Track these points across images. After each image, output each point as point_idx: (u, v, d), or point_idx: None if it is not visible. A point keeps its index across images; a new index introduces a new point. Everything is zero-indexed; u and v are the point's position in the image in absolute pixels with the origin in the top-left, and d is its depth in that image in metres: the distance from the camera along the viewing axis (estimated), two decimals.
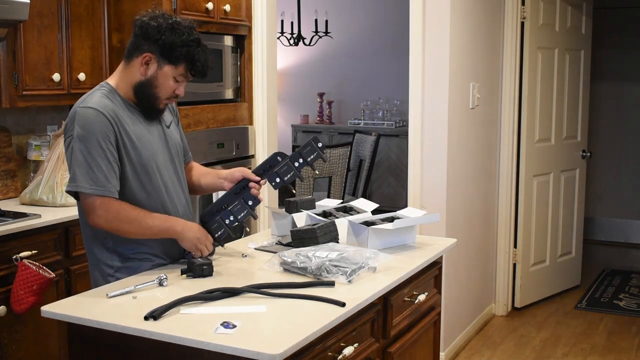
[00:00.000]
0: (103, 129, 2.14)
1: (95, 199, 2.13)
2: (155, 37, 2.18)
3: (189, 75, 2.26)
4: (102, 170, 2.13)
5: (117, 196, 2.16)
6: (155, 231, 2.22)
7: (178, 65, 2.21)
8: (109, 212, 2.14)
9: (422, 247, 2.62)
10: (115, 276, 2.24)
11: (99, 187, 2.12)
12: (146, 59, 2.21)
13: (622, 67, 6.83)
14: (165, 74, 2.22)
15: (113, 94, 2.24)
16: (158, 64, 2.21)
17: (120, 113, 2.21)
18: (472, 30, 4.21)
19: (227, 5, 3.90)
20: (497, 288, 4.89)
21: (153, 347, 1.79)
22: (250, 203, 2.36)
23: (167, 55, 2.19)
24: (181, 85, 2.27)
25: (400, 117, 7.72)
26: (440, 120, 3.91)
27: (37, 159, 3.59)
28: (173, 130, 2.42)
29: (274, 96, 4.25)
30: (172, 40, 2.18)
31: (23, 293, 2.75)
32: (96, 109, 2.15)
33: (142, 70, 2.22)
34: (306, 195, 5.40)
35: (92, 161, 2.12)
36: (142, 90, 2.24)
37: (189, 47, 2.19)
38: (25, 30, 3.29)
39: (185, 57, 2.20)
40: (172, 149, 2.37)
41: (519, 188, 4.85)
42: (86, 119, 2.14)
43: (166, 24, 2.19)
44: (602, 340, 4.42)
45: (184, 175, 2.44)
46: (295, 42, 7.36)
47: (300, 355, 1.76)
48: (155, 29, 2.19)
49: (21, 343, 3.00)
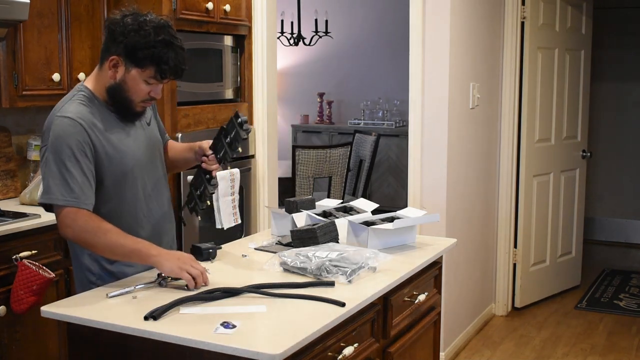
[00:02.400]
0: (78, 139, 2.07)
1: (65, 210, 2.06)
2: (120, 38, 2.09)
3: (160, 78, 2.13)
4: (77, 182, 2.06)
5: (90, 209, 2.09)
6: (126, 250, 2.08)
7: (145, 68, 2.10)
8: (76, 223, 2.06)
9: (422, 247, 2.62)
10: (96, 284, 2.20)
11: (72, 199, 2.05)
12: (113, 62, 2.12)
13: (622, 67, 6.83)
14: (134, 77, 2.12)
15: (91, 100, 2.17)
16: (125, 67, 2.11)
17: (98, 120, 2.14)
18: (472, 30, 4.21)
19: (227, 5, 3.90)
20: (497, 288, 4.89)
21: (153, 347, 1.79)
22: (207, 176, 2.36)
23: (132, 57, 2.09)
24: (156, 87, 2.16)
25: (400, 117, 7.72)
26: (440, 120, 3.91)
27: (37, 159, 3.58)
28: (153, 127, 2.36)
29: (274, 96, 4.25)
30: (136, 42, 2.06)
31: (23, 293, 2.74)
32: (72, 119, 2.08)
33: (111, 73, 2.13)
34: (306, 195, 5.40)
35: (66, 172, 2.05)
36: (115, 94, 2.15)
37: (154, 48, 2.07)
38: (25, 30, 3.29)
39: (150, 59, 2.08)
40: (154, 147, 2.33)
41: (519, 188, 4.85)
42: (62, 129, 2.07)
43: (132, 24, 2.08)
44: (602, 340, 4.42)
45: (164, 178, 2.39)
46: (295, 42, 7.36)
47: (300, 355, 1.76)
48: (121, 30, 2.09)
49: (21, 343, 3.00)
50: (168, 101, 3.54)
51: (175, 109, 3.61)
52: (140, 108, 2.21)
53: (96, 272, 2.22)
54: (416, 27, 3.89)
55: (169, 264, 2.05)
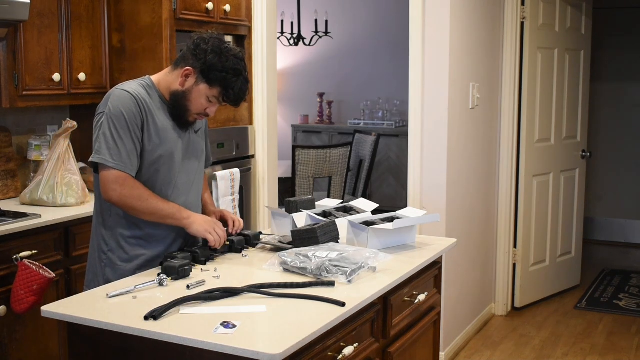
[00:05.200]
0: (133, 112, 2.27)
1: (113, 172, 2.24)
2: (201, 55, 2.30)
3: (221, 100, 2.35)
4: (126, 149, 2.25)
5: (134, 175, 2.28)
6: (164, 214, 2.31)
7: (212, 87, 2.31)
8: (124, 188, 2.25)
9: (422, 247, 2.62)
10: (107, 255, 2.36)
11: (120, 163, 2.24)
12: (187, 72, 2.32)
13: (622, 67, 6.83)
14: (200, 91, 2.32)
15: (151, 88, 2.37)
16: (196, 80, 2.32)
17: (152, 104, 2.32)
18: (472, 30, 4.21)
19: (227, 5, 3.90)
20: (497, 288, 4.89)
21: (153, 347, 1.79)
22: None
23: (206, 74, 2.30)
24: (213, 106, 2.37)
25: (400, 117, 7.72)
26: (440, 120, 3.91)
27: (37, 159, 3.59)
28: (199, 136, 2.52)
29: (274, 96, 4.25)
30: (214, 63, 2.28)
31: (23, 293, 2.75)
32: (131, 94, 2.29)
33: (181, 80, 2.33)
34: (306, 195, 5.40)
35: (118, 138, 2.24)
36: (176, 99, 2.35)
37: (227, 73, 2.29)
38: (26, 30, 3.29)
39: (220, 81, 2.30)
40: (193, 152, 2.47)
41: (519, 188, 4.85)
42: (120, 100, 2.27)
43: (215, 47, 2.30)
44: (601, 340, 4.42)
45: (198, 178, 2.51)
46: (295, 42, 7.36)
47: (300, 355, 1.76)
48: (204, 49, 2.30)
49: (21, 343, 3.00)
50: None
51: None
52: (193, 119, 2.41)
53: (110, 244, 2.36)
54: (416, 27, 3.90)
55: (197, 226, 2.34)
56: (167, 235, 2.39)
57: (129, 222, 2.34)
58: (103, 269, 2.36)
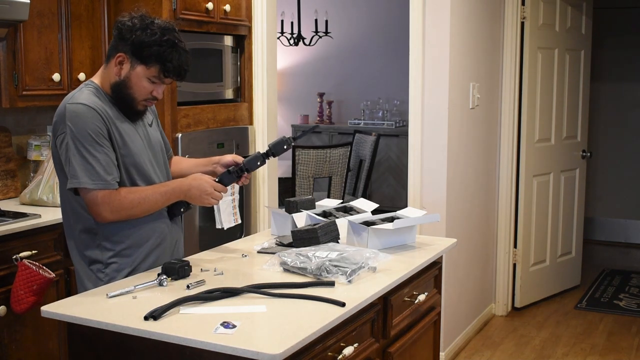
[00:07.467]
0: (95, 124, 2.15)
1: (97, 193, 2.14)
2: (127, 36, 2.18)
3: (163, 77, 2.23)
4: (101, 164, 2.14)
5: (118, 185, 2.18)
6: (165, 198, 2.25)
7: (150, 66, 2.19)
8: (113, 204, 2.15)
9: (422, 247, 2.62)
10: (104, 272, 2.25)
11: (100, 181, 2.13)
12: (119, 58, 2.21)
13: (622, 67, 6.83)
14: (138, 75, 2.20)
15: (99, 91, 2.25)
16: (131, 64, 2.20)
17: (109, 110, 2.21)
18: (472, 30, 4.21)
19: (227, 5, 3.90)
20: (497, 288, 4.89)
21: (153, 347, 1.79)
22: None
23: (138, 54, 2.18)
24: (158, 87, 2.25)
25: (400, 117, 7.72)
26: (440, 120, 3.91)
27: (37, 159, 3.59)
28: (154, 129, 2.43)
29: (274, 96, 4.25)
30: (142, 40, 2.17)
31: (23, 293, 2.75)
32: (86, 105, 2.16)
33: (117, 70, 2.22)
34: (306, 195, 5.40)
35: (90, 156, 2.13)
36: (119, 91, 2.23)
37: (160, 46, 2.17)
38: (25, 30, 3.29)
39: (155, 57, 2.18)
40: (155, 147, 2.38)
41: (519, 188, 4.85)
42: (77, 115, 2.14)
43: (140, 24, 2.19)
44: (602, 340, 4.42)
45: (165, 173, 2.42)
46: (295, 42, 7.36)
47: (300, 355, 1.76)
48: (128, 29, 2.19)
49: (21, 343, 3.00)
50: (168, 101, 3.54)
51: (175, 109, 3.61)
52: (142, 107, 2.29)
53: (104, 261, 2.25)
54: (416, 27, 3.89)
55: (194, 201, 2.30)
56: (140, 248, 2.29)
57: (99, 242, 2.24)
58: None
